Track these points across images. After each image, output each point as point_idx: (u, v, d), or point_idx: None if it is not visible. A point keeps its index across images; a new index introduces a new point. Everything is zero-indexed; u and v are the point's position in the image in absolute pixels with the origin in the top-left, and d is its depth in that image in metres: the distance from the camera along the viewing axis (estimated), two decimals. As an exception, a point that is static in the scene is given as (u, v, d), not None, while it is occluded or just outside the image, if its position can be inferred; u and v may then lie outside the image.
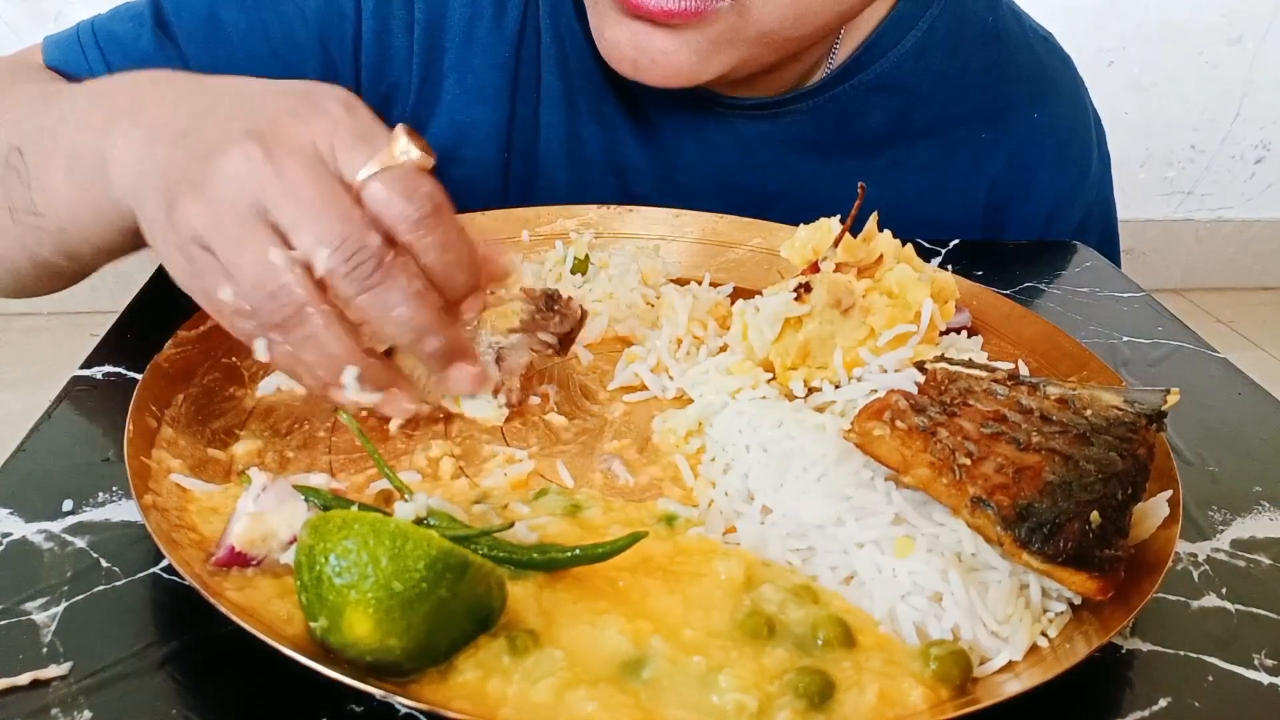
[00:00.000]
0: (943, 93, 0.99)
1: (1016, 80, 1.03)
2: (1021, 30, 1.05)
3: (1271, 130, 2.95)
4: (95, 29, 0.90)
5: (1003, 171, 1.03)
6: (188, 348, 0.67)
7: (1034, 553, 0.50)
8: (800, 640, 0.49)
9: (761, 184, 0.98)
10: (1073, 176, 1.08)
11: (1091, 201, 1.10)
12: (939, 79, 0.99)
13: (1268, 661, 0.53)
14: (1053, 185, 1.06)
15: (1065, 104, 1.07)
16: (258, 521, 0.50)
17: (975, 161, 1.02)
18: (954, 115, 1.01)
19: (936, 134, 1.01)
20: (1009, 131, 1.03)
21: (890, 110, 0.99)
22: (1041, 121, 1.03)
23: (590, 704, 0.44)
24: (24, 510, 0.56)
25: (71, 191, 0.68)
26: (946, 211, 1.02)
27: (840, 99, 0.97)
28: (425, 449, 0.64)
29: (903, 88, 0.98)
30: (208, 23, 0.90)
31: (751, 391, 0.69)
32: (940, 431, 0.54)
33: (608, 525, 0.57)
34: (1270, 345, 2.81)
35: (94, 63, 0.89)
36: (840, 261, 0.72)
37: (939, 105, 1.00)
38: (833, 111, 0.97)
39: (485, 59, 0.94)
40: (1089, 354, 0.73)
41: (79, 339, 0.89)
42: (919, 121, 1.00)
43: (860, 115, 0.98)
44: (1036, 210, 1.06)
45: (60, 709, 0.45)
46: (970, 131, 1.02)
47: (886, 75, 0.97)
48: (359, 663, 0.44)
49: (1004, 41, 1.02)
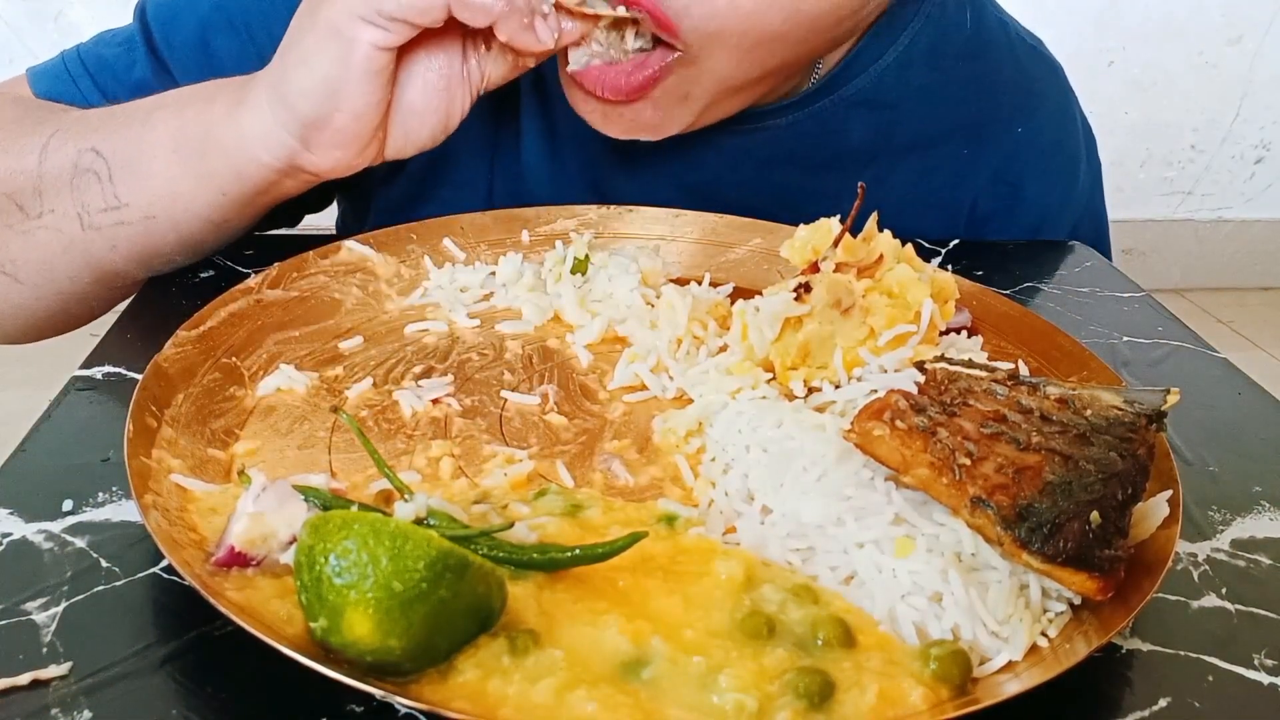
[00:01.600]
0: (924, 108, 0.98)
1: (1000, 93, 1.01)
2: (1007, 40, 1.03)
3: (1271, 130, 2.95)
4: (83, 57, 0.90)
5: (986, 188, 1.02)
6: (188, 348, 0.67)
7: (1034, 553, 0.50)
8: (800, 640, 0.49)
9: (742, 199, 0.96)
10: (1059, 191, 1.06)
11: (1080, 214, 1.08)
12: (920, 94, 0.97)
13: (1268, 661, 0.53)
14: (1038, 201, 1.04)
15: (1050, 116, 1.05)
16: (258, 521, 0.50)
17: (957, 178, 1.01)
18: (936, 131, 0.99)
19: (918, 150, 0.99)
20: (992, 147, 1.01)
21: (871, 126, 0.97)
22: (1025, 136, 1.02)
23: (590, 704, 0.44)
24: (24, 510, 0.56)
25: (174, 167, 0.74)
26: (929, 228, 0.99)
27: (821, 114, 0.95)
28: (425, 449, 0.64)
29: (884, 103, 0.96)
30: (199, 50, 0.89)
31: (751, 391, 0.69)
32: (940, 431, 0.54)
33: (608, 525, 0.57)
34: (1270, 345, 2.81)
35: (87, 91, 0.88)
36: (840, 261, 0.72)
37: (921, 121, 0.98)
38: (813, 127, 0.96)
39: None
40: (1089, 354, 0.74)
41: (79, 339, 0.89)
42: (901, 138, 0.98)
43: (841, 131, 0.97)
44: (1021, 226, 1.04)
45: (60, 709, 0.45)
46: (952, 148, 1.00)
47: (867, 90, 0.95)
48: (359, 663, 0.44)
49: (988, 54, 1.01)
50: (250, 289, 0.74)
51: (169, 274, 0.83)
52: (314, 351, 0.73)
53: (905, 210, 0.97)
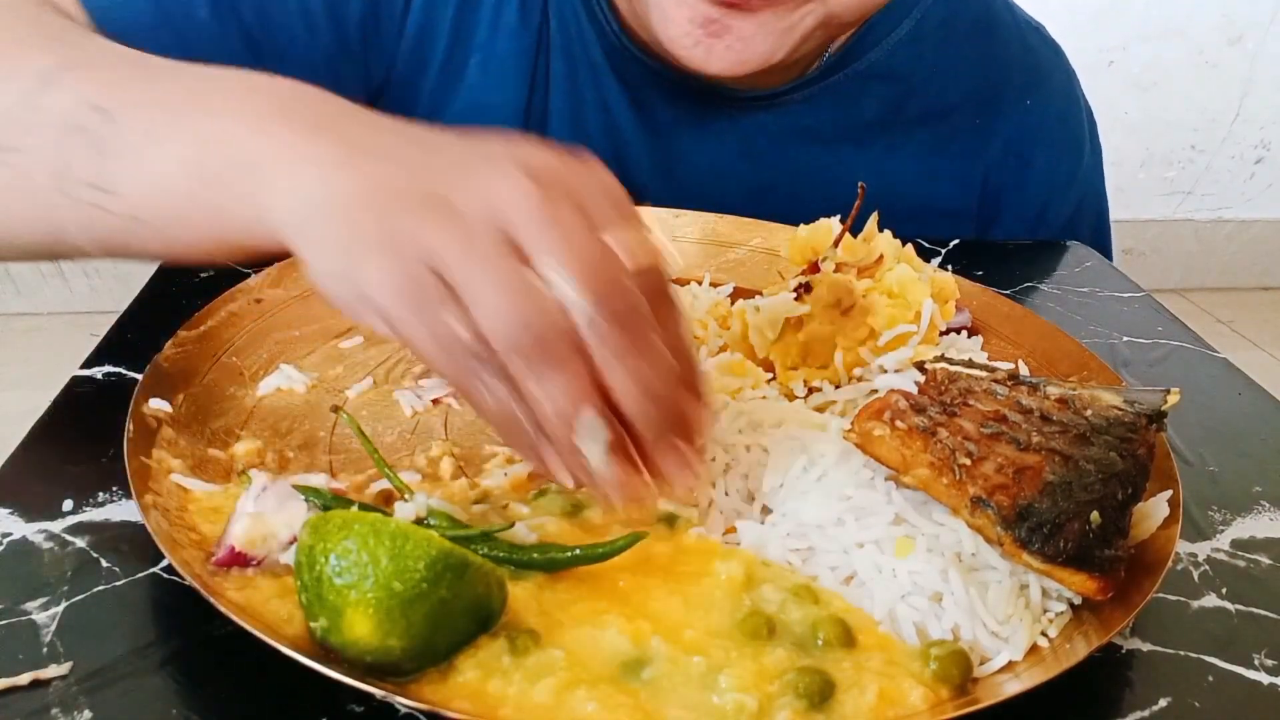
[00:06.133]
0: (936, 81, 1.01)
1: (1009, 69, 1.04)
2: (1014, 21, 1.06)
3: (1271, 130, 2.95)
4: None
5: (997, 159, 1.04)
6: (188, 348, 0.67)
7: (1034, 553, 0.50)
8: (800, 640, 0.49)
9: (759, 173, 0.99)
10: (1067, 164, 1.09)
11: (1085, 192, 1.11)
12: (932, 67, 1.00)
13: (1268, 661, 0.53)
14: (1046, 173, 1.07)
15: (1057, 93, 1.08)
16: (258, 521, 0.50)
17: (970, 149, 1.04)
18: (948, 103, 1.02)
19: (931, 122, 1.02)
20: (1002, 119, 1.04)
21: (885, 98, 1.00)
22: (1034, 109, 1.05)
23: (590, 704, 0.44)
24: (24, 510, 0.56)
25: (182, 182, 0.56)
26: (942, 199, 1.03)
27: (835, 88, 0.98)
28: (425, 449, 0.64)
29: (897, 76, 0.99)
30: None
31: (751, 391, 0.69)
32: (940, 431, 0.54)
33: (608, 525, 0.57)
34: (1270, 345, 2.81)
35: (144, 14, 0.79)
36: (840, 261, 0.72)
37: (933, 93, 1.01)
38: (829, 100, 0.98)
39: (510, 44, 0.94)
40: (1089, 354, 0.73)
41: (79, 339, 0.88)
42: (913, 109, 1.01)
43: (855, 103, 0.99)
44: (1031, 198, 1.07)
45: (60, 709, 0.45)
46: (964, 119, 1.03)
47: (880, 64, 0.98)
48: (359, 663, 0.44)
49: (996, 31, 1.04)
50: (250, 289, 0.73)
51: (169, 274, 0.82)
52: (314, 351, 0.73)
53: (920, 181, 1.01)
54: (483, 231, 0.46)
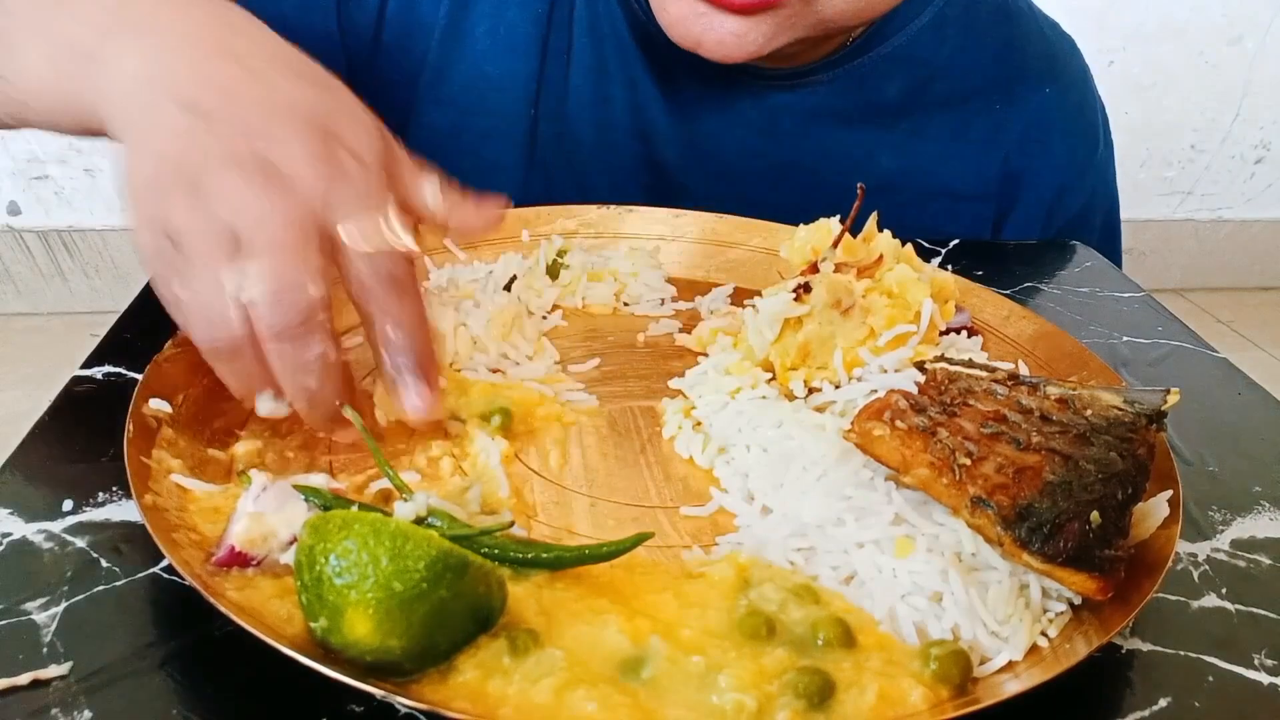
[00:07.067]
0: (958, 66, 1.02)
1: (1029, 56, 1.06)
2: (1032, 13, 1.09)
3: (1271, 130, 2.95)
4: None
5: (1017, 143, 1.06)
6: (188, 347, 0.66)
7: (1034, 553, 0.50)
8: (800, 640, 0.49)
9: (783, 152, 1.01)
10: (1083, 152, 1.10)
11: (1097, 183, 1.13)
12: (955, 53, 1.02)
13: (1268, 661, 0.53)
14: (1064, 159, 1.08)
15: (1075, 83, 1.10)
16: (258, 521, 0.50)
17: (990, 132, 1.05)
18: (969, 87, 1.03)
19: (953, 105, 1.03)
20: (1023, 104, 1.05)
21: (907, 82, 1.01)
22: (1053, 96, 1.06)
23: (590, 704, 0.44)
24: (24, 510, 0.56)
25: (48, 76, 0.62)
26: (963, 181, 1.04)
27: (860, 70, 0.99)
28: (425, 449, 0.64)
29: (919, 61, 1.01)
30: None
31: (751, 391, 0.69)
32: (940, 431, 0.54)
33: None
34: (1270, 345, 2.81)
35: None
36: (840, 261, 0.72)
37: (955, 78, 1.03)
38: (853, 82, 1.00)
39: (520, 13, 0.95)
40: (1089, 354, 0.73)
41: (79, 339, 0.88)
42: (936, 93, 1.03)
43: (878, 87, 1.01)
44: (1049, 183, 1.08)
45: (60, 709, 0.45)
46: (985, 103, 1.04)
47: (904, 48, 1.00)
48: (359, 663, 0.44)
49: (1016, 21, 1.06)
50: (250, 289, 0.73)
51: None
52: (314, 351, 0.73)
53: (942, 164, 1.03)
54: (215, 229, 0.52)
